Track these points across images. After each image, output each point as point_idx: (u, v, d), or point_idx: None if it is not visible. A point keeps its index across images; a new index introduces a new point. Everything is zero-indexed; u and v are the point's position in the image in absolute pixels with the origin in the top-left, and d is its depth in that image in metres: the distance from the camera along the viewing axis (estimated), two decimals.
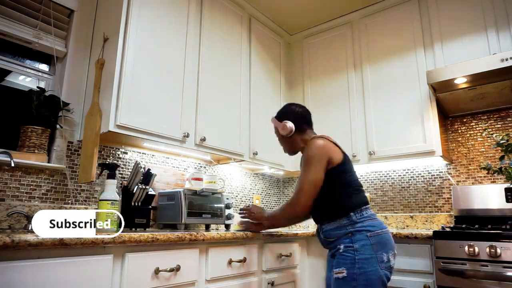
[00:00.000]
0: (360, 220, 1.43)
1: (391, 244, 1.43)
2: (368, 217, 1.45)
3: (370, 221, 1.43)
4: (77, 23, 1.98)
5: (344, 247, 1.41)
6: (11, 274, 0.98)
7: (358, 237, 1.40)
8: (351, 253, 1.38)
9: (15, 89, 1.84)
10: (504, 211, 2.15)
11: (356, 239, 1.40)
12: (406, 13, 2.55)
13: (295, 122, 1.66)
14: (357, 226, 1.42)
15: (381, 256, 1.37)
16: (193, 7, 2.21)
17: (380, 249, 1.38)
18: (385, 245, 1.40)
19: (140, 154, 2.17)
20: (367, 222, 1.43)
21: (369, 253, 1.37)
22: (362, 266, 1.35)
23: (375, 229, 1.41)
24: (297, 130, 1.66)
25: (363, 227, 1.41)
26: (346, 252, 1.39)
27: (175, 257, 1.44)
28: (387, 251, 1.39)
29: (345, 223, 1.44)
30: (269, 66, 2.86)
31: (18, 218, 1.60)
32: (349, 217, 1.44)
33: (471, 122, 2.49)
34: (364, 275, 1.34)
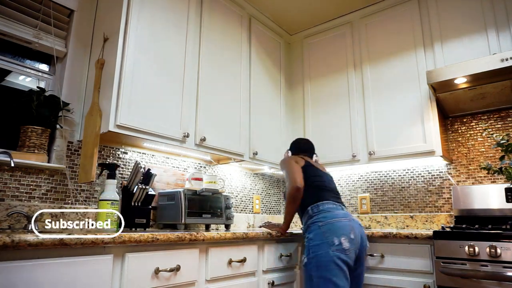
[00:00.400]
0: (315, 214, 1.72)
1: (344, 229, 1.62)
2: (323, 210, 1.72)
3: (324, 214, 1.70)
4: (77, 23, 1.98)
5: (306, 239, 1.70)
6: (11, 274, 0.98)
7: (312, 228, 1.69)
8: (308, 242, 1.67)
9: (15, 89, 1.84)
10: (504, 211, 2.15)
11: (310, 230, 1.69)
12: (406, 13, 2.55)
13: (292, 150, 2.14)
14: (312, 219, 1.71)
15: (332, 240, 1.59)
16: (193, 7, 2.21)
17: (330, 235, 1.60)
18: (336, 231, 1.61)
19: (140, 154, 2.17)
20: (321, 215, 1.70)
21: (319, 239, 1.62)
22: (314, 251, 1.60)
23: (326, 219, 1.66)
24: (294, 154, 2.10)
25: (317, 220, 1.69)
26: (306, 242, 1.68)
27: (175, 257, 1.44)
28: (338, 235, 1.60)
29: (307, 217, 1.76)
30: (269, 66, 2.86)
31: (18, 218, 1.60)
32: (307, 211, 1.76)
33: (471, 122, 2.49)
34: (316, 258, 1.58)
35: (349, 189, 2.93)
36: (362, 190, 2.86)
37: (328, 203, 1.75)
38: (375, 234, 2.06)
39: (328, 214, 1.70)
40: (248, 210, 2.89)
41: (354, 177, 2.92)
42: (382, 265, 2.01)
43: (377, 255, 2.02)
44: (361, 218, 2.80)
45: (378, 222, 2.72)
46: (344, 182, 2.96)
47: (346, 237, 1.61)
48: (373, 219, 2.74)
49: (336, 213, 1.71)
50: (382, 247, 2.03)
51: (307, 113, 2.92)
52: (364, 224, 2.77)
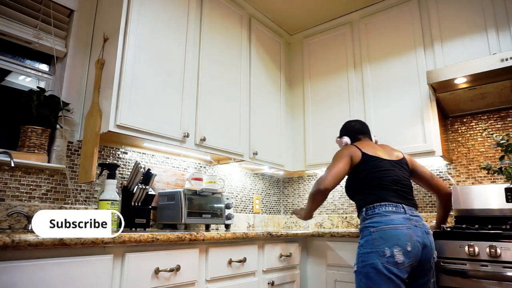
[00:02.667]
0: (369, 217, 1.53)
1: (399, 239, 1.42)
2: (378, 214, 1.51)
3: (378, 218, 1.49)
4: (77, 23, 1.98)
5: (358, 244, 1.54)
6: (11, 274, 0.98)
7: (364, 234, 1.51)
8: (359, 248, 1.51)
9: (15, 89, 1.84)
10: (504, 211, 2.15)
11: (363, 235, 1.52)
12: (406, 13, 2.55)
13: (349, 134, 1.87)
14: (366, 223, 1.52)
15: (383, 251, 1.41)
16: (193, 7, 2.21)
17: (382, 243, 1.42)
18: (388, 240, 1.42)
19: (140, 154, 2.17)
20: (375, 218, 1.50)
21: (370, 247, 1.45)
22: (363, 260, 1.45)
23: (379, 225, 1.46)
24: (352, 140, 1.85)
25: (370, 224, 1.50)
26: (357, 248, 1.53)
27: (175, 257, 1.44)
28: (391, 245, 1.41)
29: (360, 219, 1.60)
30: (269, 66, 2.86)
31: (18, 218, 1.60)
32: (361, 213, 1.59)
33: (471, 122, 2.49)
34: (365, 268, 1.43)
35: None
36: None
37: (387, 205, 1.53)
38: None
39: (383, 218, 1.48)
40: (248, 210, 2.89)
41: None
42: None
43: None
44: None
45: None
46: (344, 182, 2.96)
47: (401, 249, 1.41)
48: None
49: (394, 218, 1.48)
50: None
51: (307, 113, 2.92)
52: None
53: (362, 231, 1.54)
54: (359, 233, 1.58)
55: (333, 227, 2.91)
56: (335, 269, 2.16)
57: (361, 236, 1.54)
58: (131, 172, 1.89)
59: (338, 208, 2.94)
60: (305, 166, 2.86)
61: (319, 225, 2.99)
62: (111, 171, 1.65)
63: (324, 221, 2.97)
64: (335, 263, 2.16)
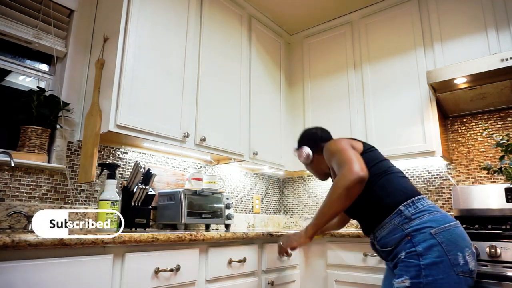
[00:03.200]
0: (415, 215, 1.17)
1: (465, 241, 1.15)
2: (426, 210, 1.18)
3: (430, 215, 1.16)
4: (77, 23, 1.98)
5: (405, 253, 1.14)
6: (11, 274, 0.98)
7: (420, 238, 1.13)
8: (415, 258, 1.11)
9: (15, 89, 1.84)
10: (504, 211, 2.15)
11: (418, 240, 1.13)
12: (406, 13, 2.55)
13: (311, 144, 1.59)
14: (415, 225, 1.15)
15: (455, 257, 1.09)
16: (193, 7, 2.21)
17: (452, 248, 1.10)
18: (458, 242, 1.12)
19: (140, 154, 2.17)
20: (426, 216, 1.16)
21: (437, 255, 1.09)
22: (430, 274, 1.07)
23: (439, 223, 1.14)
24: (315, 152, 1.58)
25: (423, 224, 1.14)
26: (408, 258, 1.13)
27: (175, 257, 1.43)
28: (462, 249, 1.11)
29: (398, 222, 1.18)
30: (269, 66, 2.86)
31: (18, 218, 1.60)
32: (400, 212, 1.19)
33: (471, 122, 2.49)
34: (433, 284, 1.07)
35: None
36: None
37: (424, 198, 1.23)
38: None
39: (437, 215, 1.17)
40: (248, 210, 2.89)
41: None
42: (382, 265, 2.00)
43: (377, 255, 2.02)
44: None
45: None
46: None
47: (470, 251, 1.13)
48: None
49: (444, 213, 1.20)
50: None
51: (307, 113, 2.92)
52: None
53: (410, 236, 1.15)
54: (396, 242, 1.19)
55: None
56: (335, 269, 2.15)
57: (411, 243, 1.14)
58: (131, 172, 1.89)
59: None
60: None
61: None
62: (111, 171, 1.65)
63: None
64: (335, 263, 2.16)
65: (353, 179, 1.16)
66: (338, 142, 1.35)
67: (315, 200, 3.08)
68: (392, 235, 1.19)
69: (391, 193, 1.23)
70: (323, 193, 3.04)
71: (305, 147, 1.60)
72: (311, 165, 1.64)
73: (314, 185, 3.12)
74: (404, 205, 1.20)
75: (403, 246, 1.16)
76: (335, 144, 1.34)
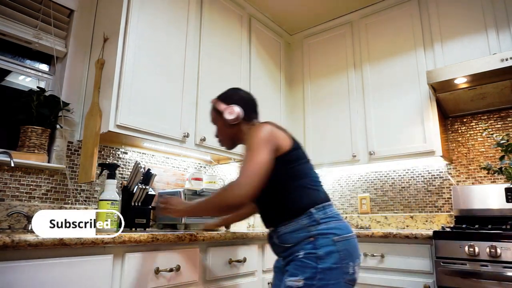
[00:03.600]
0: (324, 221, 1.19)
1: (357, 252, 1.21)
2: (333, 217, 1.21)
3: (337, 223, 1.20)
4: (77, 23, 1.98)
5: (304, 253, 1.15)
6: (11, 274, 0.98)
7: (322, 242, 1.15)
8: (313, 260, 1.13)
9: (15, 89, 1.84)
10: (504, 211, 2.15)
11: (320, 244, 1.15)
12: (406, 13, 2.55)
13: (244, 108, 1.39)
14: (321, 228, 1.17)
15: (347, 267, 1.14)
16: (193, 7, 2.21)
17: (346, 257, 1.15)
18: (352, 253, 1.18)
19: (140, 154, 2.17)
20: (332, 223, 1.19)
21: (334, 261, 1.13)
22: (324, 278, 1.10)
23: (342, 232, 1.18)
24: (245, 118, 1.39)
25: (329, 230, 1.17)
26: (306, 259, 1.14)
27: (175, 257, 1.43)
28: (353, 260, 1.17)
29: (305, 223, 1.19)
30: (269, 66, 2.86)
31: (18, 218, 1.60)
32: (310, 215, 1.19)
33: (471, 122, 2.49)
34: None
35: (349, 189, 2.93)
36: (362, 190, 2.86)
37: (332, 205, 1.26)
38: (375, 234, 2.06)
39: (340, 224, 1.21)
40: None
41: (354, 177, 2.92)
42: (382, 265, 2.01)
43: (377, 255, 2.02)
44: (361, 218, 2.80)
45: (378, 222, 2.72)
46: (344, 182, 2.96)
47: (358, 262, 1.20)
48: (373, 219, 2.74)
49: (347, 223, 1.25)
50: (382, 247, 2.02)
51: (307, 113, 2.92)
52: (364, 224, 2.77)
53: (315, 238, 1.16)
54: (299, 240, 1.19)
55: None
56: None
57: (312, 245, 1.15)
58: (131, 172, 1.89)
59: (338, 208, 2.94)
60: None
61: None
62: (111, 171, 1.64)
63: None
64: None
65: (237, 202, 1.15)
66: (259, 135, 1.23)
67: None
68: (295, 234, 1.20)
69: (306, 195, 1.23)
70: None
71: (238, 107, 1.38)
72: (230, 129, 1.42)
73: None
74: (315, 208, 1.20)
75: (303, 246, 1.17)
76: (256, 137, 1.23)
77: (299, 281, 1.12)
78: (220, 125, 1.45)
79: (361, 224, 2.78)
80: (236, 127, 1.40)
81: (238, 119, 1.37)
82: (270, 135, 1.24)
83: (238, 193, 1.14)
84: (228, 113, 1.37)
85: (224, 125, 1.43)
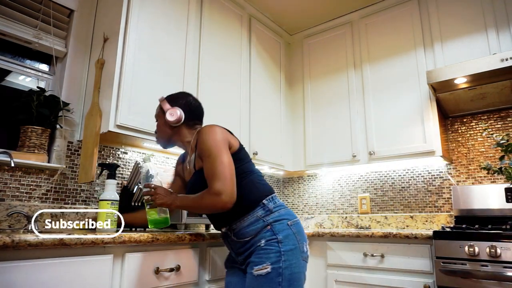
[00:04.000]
0: (276, 209, 1.31)
1: (305, 233, 1.36)
2: (282, 205, 1.35)
3: (285, 210, 1.34)
4: (77, 23, 1.98)
5: (265, 241, 1.25)
6: (11, 274, 0.98)
7: (279, 227, 1.27)
8: (275, 245, 1.23)
9: (15, 89, 1.84)
10: (504, 211, 2.15)
11: (278, 229, 1.26)
12: (406, 13, 2.55)
13: (186, 114, 1.45)
14: (275, 216, 1.29)
15: (302, 246, 1.29)
16: (193, 7, 2.21)
17: (301, 238, 1.30)
18: (303, 234, 1.33)
19: (140, 154, 2.17)
20: (282, 210, 1.32)
21: (292, 243, 1.26)
22: (287, 259, 1.22)
23: (292, 217, 1.33)
24: (185, 122, 1.46)
25: (281, 216, 1.30)
26: (269, 245, 1.24)
27: (175, 257, 1.44)
28: (305, 240, 1.33)
29: (260, 214, 1.29)
30: (269, 66, 2.86)
31: (18, 218, 1.60)
32: (263, 206, 1.30)
33: (471, 122, 2.49)
34: (289, 268, 1.21)
35: (349, 189, 2.93)
36: (362, 190, 2.86)
37: (277, 196, 1.39)
38: (375, 234, 2.06)
39: (288, 210, 1.36)
40: None
41: (354, 177, 2.92)
42: (382, 265, 2.01)
43: (377, 255, 2.02)
44: (361, 218, 2.80)
45: (378, 222, 2.72)
46: (344, 182, 2.96)
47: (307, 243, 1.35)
48: (373, 219, 2.74)
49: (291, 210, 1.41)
50: (382, 247, 2.03)
51: (307, 113, 2.92)
52: (364, 224, 2.77)
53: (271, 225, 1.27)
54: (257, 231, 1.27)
55: (333, 227, 2.91)
56: (335, 269, 2.16)
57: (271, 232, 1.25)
58: (131, 172, 1.89)
59: (338, 208, 2.94)
60: (305, 166, 2.86)
61: (319, 225, 2.99)
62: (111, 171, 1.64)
63: (324, 221, 2.97)
64: (335, 263, 2.16)
65: (219, 208, 1.24)
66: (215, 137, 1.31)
67: (315, 200, 3.08)
68: (252, 226, 1.29)
69: (256, 189, 1.33)
70: (323, 193, 3.04)
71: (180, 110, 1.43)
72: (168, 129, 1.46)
73: (314, 185, 3.12)
74: (266, 199, 1.32)
75: (263, 234, 1.26)
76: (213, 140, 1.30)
77: (266, 267, 1.20)
78: (160, 123, 1.49)
79: (361, 224, 2.78)
80: (176, 129, 1.46)
81: (178, 122, 1.43)
82: (223, 135, 1.34)
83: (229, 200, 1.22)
84: (169, 114, 1.42)
85: (164, 124, 1.47)
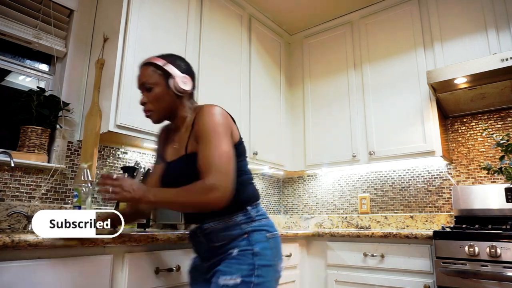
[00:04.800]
0: (257, 218, 1.15)
1: (281, 251, 1.20)
2: (264, 214, 1.19)
3: (267, 220, 1.18)
4: (77, 23, 1.98)
5: (239, 250, 1.09)
6: (11, 274, 0.98)
7: (257, 238, 1.11)
8: (249, 257, 1.08)
9: (15, 89, 1.84)
10: (504, 211, 2.15)
11: (255, 240, 1.11)
12: (406, 13, 2.55)
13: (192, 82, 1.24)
14: (255, 225, 1.14)
15: (277, 265, 1.14)
16: (193, 7, 2.21)
17: (276, 256, 1.15)
18: (279, 251, 1.17)
19: (140, 154, 2.17)
20: (264, 220, 1.17)
21: (269, 258, 1.11)
22: (262, 275, 1.06)
23: (272, 229, 1.17)
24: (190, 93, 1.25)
25: (261, 226, 1.14)
26: (242, 255, 1.08)
27: (175, 257, 1.43)
28: (280, 259, 1.17)
29: (240, 220, 1.12)
30: (269, 66, 2.86)
31: (18, 218, 1.60)
32: (246, 212, 1.14)
33: (471, 122, 2.49)
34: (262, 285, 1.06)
35: (349, 189, 2.93)
36: (362, 190, 2.86)
37: (260, 204, 1.24)
38: (375, 234, 2.06)
39: (269, 221, 1.20)
40: None
41: (354, 177, 2.92)
42: (382, 265, 2.01)
43: (377, 255, 2.02)
44: (361, 218, 2.80)
45: (378, 222, 2.72)
46: (344, 182, 2.96)
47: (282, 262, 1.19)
48: (373, 219, 2.74)
49: (272, 221, 1.23)
50: (382, 247, 2.03)
51: (307, 113, 2.92)
52: (364, 224, 2.77)
53: (249, 234, 1.12)
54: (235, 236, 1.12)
55: (333, 227, 2.91)
56: (335, 269, 2.16)
57: (247, 241, 1.10)
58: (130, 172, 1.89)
59: (338, 208, 2.94)
60: (305, 166, 2.86)
61: (319, 225, 2.99)
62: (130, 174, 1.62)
63: (324, 221, 2.97)
64: (335, 263, 2.16)
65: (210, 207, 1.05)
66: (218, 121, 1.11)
67: (315, 200, 3.08)
68: (228, 231, 1.12)
69: (244, 192, 1.16)
70: (323, 193, 3.04)
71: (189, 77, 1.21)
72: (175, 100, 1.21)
73: (314, 185, 3.12)
74: (251, 206, 1.16)
75: (237, 243, 1.11)
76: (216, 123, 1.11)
77: (235, 279, 1.04)
78: (160, 90, 1.20)
79: (361, 224, 2.78)
80: (179, 100, 1.21)
81: (185, 92, 1.20)
82: (227, 120, 1.15)
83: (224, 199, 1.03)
84: (182, 82, 1.17)
85: (166, 93, 1.19)
